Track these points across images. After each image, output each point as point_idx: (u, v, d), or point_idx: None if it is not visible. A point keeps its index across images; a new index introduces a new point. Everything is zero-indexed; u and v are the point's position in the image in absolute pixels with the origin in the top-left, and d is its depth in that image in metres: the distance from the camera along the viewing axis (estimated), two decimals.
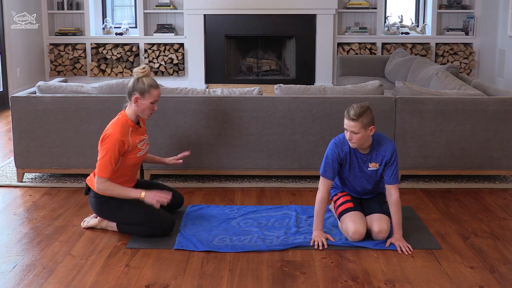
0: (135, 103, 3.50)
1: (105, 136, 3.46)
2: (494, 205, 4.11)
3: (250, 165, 4.49)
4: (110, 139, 3.43)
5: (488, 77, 8.31)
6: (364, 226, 3.41)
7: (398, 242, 3.34)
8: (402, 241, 3.35)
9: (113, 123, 3.53)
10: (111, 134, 3.45)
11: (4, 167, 4.95)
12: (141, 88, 3.48)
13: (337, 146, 3.43)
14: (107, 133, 3.46)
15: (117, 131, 3.46)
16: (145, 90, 3.48)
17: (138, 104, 3.50)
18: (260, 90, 4.54)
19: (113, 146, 3.42)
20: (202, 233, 3.55)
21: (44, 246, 3.39)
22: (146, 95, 3.49)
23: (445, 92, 4.53)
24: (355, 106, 3.31)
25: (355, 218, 3.41)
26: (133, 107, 3.52)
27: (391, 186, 3.40)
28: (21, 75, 8.02)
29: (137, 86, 3.49)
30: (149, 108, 3.54)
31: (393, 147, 3.42)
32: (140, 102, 3.49)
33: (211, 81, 8.60)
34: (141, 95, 3.48)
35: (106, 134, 3.47)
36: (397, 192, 3.40)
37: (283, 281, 3.00)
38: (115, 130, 3.46)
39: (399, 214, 3.40)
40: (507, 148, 4.48)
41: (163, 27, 8.73)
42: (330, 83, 8.57)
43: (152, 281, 2.98)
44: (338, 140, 3.45)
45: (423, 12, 9.05)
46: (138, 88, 3.48)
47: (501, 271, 3.10)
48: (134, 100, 3.49)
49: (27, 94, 4.52)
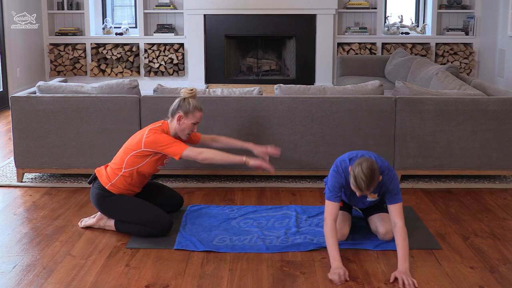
0: (177, 121, 3.57)
1: (153, 139, 3.49)
2: (494, 205, 4.11)
3: None
4: (159, 136, 3.49)
5: (488, 77, 8.31)
6: (348, 228, 3.43)
7: (402, 275, 2.95)
8: (407, 275, 2.95)
9: (155, 128, 3.55)
10: (156, 133, 3.50)
11: (4, 167, 4.95)
12: (186, 109, 3.55)
13: (340, 175, 3.25)
14: (154, 136, 3.49)
15: (159, 133, 3.53)
16: (190, 111, 3.56)
17: (180, 123, 3.57)
18: (260, 90, 4.54)
19: (164, 136, 3.50)
20: (202, 233, 3.55)
21: (44, 246, 3.39)
22: (190, 116, 3.57)
23: (445, 92, 4.53)
24: (363, 178, 3.02)
25: (341, 220, 3.42)
26: (175, 125, 3.59)
27: (394, 211, 3.15)
28: (21, 75, 8.02)
29: (183, 106, 3.56)
30: (189, 128, 3.61)
31: (391, 177, 3.20)
32: (182, 121, 3.57)
33: (211, 81, 8.60)
34: (185, 115, 3.56)
35: (153, 138, 3.49)
36: (401, 218, 3.12)
37: (283, 281, 3.00)
38: (158, 131, 3.53)
39: (405, 244, 3.04)
40: (507, 148, 4.48)
41: (163, 27, 8.73)
42: (330, 83, 8.57)
43: (152, 281, 2.98)
44: (340, 169, 3.26)
45: (423, 12, 9.05)
46: (183, 108, 3.56)
47: (501, 271, 3.10)
48: (178, 118, 3.56)
49: (27, 94, 4.52)
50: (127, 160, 3.52)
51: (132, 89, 4.51)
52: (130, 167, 3.53)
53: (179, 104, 3.58)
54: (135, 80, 4.56)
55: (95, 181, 3.61)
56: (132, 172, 3.54)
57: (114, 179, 3.54)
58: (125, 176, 3.54)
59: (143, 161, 3.53)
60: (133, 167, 3.53)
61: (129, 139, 3.64)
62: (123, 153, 3.57)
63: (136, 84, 4.53)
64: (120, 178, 3.54)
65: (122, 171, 3.53)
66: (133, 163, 3.52)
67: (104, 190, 3.54)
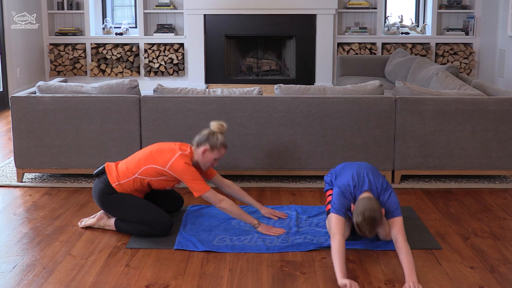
0: (202, 153, 3.56)
1: (182, 169, 3.47)
2: (494, 205, 4.11)
3: (250, 165, 4.49)
4: (188, 169, 3.48)
5: (488, 77, 8.31)
6: (349, 230, 3.42)
7: (409, 283, 2.89)
8: (415, 282, 2.89)
9: (186, 157, 3.52)
10: (186, 164, 3.48)
11: (4, 167, 4.95)
12: (214, 144, 3.55)
13: (346, 199, 3.21)
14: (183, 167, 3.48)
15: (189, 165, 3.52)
16: (216, 147, 3.56)
17: (204, 155, 3.56)
18: (260, 90, 4.54)
19: (192, 170, 3.49)
20: (202, 233, 3.55)
21: (44, 246, 3.39)
22: (215, 151, 3.56)
23: (445, 92, 4.53)
24: (367, 228, 3.03)
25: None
26: (199, 155, 3.57)
27: (394, 227, 3.11)
28: (21, 75, 8.02)
29: (211, 140, 3.55)
30: (211, 162, 3.60)
31: (387, 197, 3.19)
32: (206, 154, 3.56)
33: (211, 81, 8.60)
34: (210, 149, 3.55)
35: (182, 168, 3.48)
36: (401, 234, 3.07)
37: (283, 281, 3.00)
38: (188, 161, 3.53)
39: (410, 258, 2.96)
40: (507, 148, 4.48)
41: (163, 27, 8.73)
42: (330, 83, 8.57)
43: (152, 281, 2.98)
44: (347, 194, 3.21)
45: (423, 12, 9.05)
46: (211, 142, 3.55)
47: (501, 271, 3.10)
48: (203, 151, 3.55)
49: (27, 94, 4.52)
50: (145, 168, 3.51)
51: (132, 89, 4.51)
52: (144, 176, 3.52)
53: (207, 137, 3.56)
54: (135, 80, 4.56)
55: (103, 175, 3.61)
56: (143, 180, 3.54)
57: (124, 180, 3.54)
58: (135, 181, 3.53)
59: (159, 177, 3.53)
60: (147, 177, 3.53)
61: (155, 148, 3.57)
62: (144, 160, 3.53)
63: (136, 84, 4.53)
64: (129, 181, 3.53)
65: (135, 176, 3.52)
66: (149, 174, 3.52)
67: (109, 187, 3.54)
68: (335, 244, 3.02)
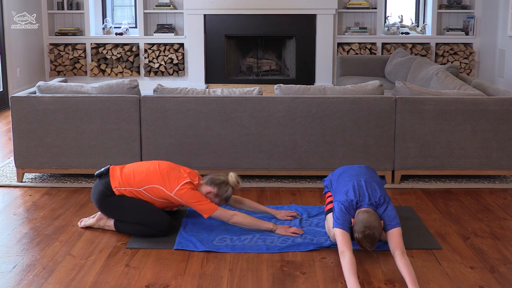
0: (206, 192, 3.56)
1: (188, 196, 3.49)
2: (494, 205, 4.11)
3: (250, 165, 4.49)
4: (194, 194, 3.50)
5: (488, 77, 8.31)
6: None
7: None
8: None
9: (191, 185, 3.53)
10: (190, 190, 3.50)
11: (4, 167, 4.95)
12: (221, 193, 3.56)
13: (349, 213, 3.18)
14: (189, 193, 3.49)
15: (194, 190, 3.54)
16: (222, 197, 3.58)
17: (207, 194, 3.57)
18: (260, 90, 4.54)
19: (193, 194, 3.50)
20: (202, 233, 3.55)
21: (44, 246, 3.39)
22: (218, 199, 3.58)
23: (445, 92, 4.53)
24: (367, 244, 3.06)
25: None
26: (204, 190, 3.57)
27: (392, 238, 3.07)
28: (21, 75, 8.02)
29: (221, 188, 3.56)
30: (209, 200, 3.60)
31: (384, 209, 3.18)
32: (210, 196, 3.56)
33: (211, 81, 8.60)
34: (215, 195, 3.56)
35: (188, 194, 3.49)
36: (399, 247, 3.02)
37: (283, 281, 3.00)
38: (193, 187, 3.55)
39: (410, 270, 2.90)
40: (507, 148, 4.48)
41: (163, 27, 8.73)
42: (330, 83, 8.57)
43: (152, 281, 2.98)
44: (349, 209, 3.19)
45: (423, 12, 9.05)
46: (220, 191, 3.56)
47: (501, 271, 3.10)
48: (208, 191, 3.56)
49: (27, 94, 4.52)
50: (151, 187, 3.51)
51: (132, 89, 4.51)
52: (147, 193, 3.53)
53: (220, 185, 3.56)
54: (135, 80, 4.56)
55: (105, 177, 3.60)
56: (144, 195, 3.54)
57: (125, 188, 3.54)
58: (139, 193, 3.54)
59: (162, 200, 3.55)
60: (149, 195, 3.53)
61: (165, 169, 3.55)
62: (153, 179, 3.51)
63: (136, 84, 4.53)
64: (131, 190, 3.54)
65: (138, 189, 3.53)
66: (153, 193, 3.52)
67: (109, 189, 3.54)
68: (346, 263, 2.93)
